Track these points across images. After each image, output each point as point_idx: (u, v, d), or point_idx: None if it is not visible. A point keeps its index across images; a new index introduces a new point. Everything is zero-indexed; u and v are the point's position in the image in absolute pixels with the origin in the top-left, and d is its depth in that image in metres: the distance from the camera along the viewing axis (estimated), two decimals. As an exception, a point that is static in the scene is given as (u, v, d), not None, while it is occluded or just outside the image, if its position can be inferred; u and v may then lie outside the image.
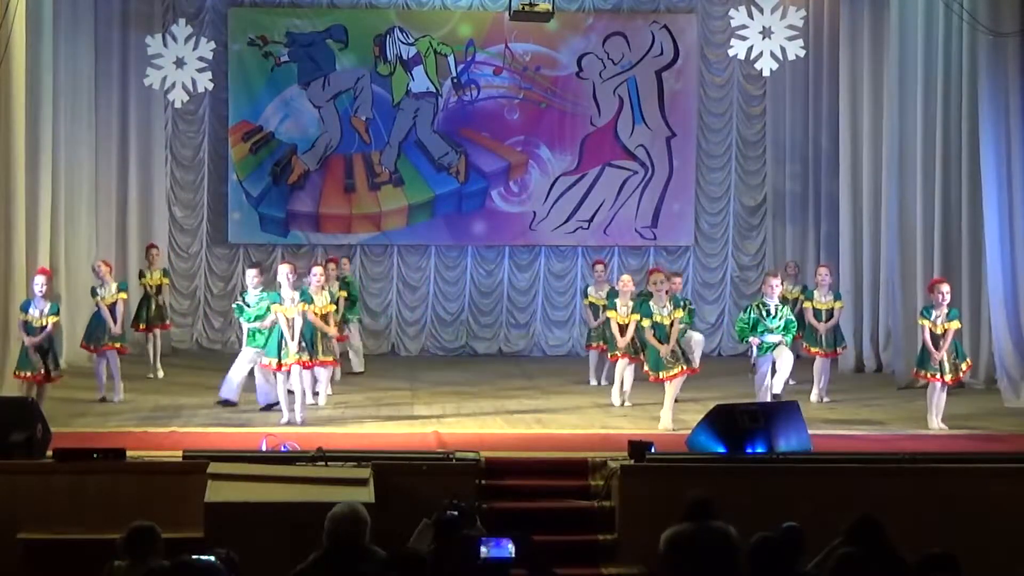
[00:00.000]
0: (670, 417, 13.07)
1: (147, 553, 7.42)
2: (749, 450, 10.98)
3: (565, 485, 10.87)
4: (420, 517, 8.53)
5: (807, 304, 15.50)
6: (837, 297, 15.57)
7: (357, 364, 17.06)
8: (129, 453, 10.54)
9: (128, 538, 7.52)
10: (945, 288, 13.35)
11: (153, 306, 16.55)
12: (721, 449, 10.96)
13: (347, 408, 14.40)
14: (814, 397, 15.05)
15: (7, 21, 13.89)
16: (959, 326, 13.46)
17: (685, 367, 13.29)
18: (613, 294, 15.26)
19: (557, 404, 14.83)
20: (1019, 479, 10.71)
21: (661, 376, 13.18)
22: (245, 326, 14.49)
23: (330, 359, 14.18)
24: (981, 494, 10.47)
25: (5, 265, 14.30)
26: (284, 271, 13.63)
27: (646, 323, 13.39)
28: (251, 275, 14.44)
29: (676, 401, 13.33)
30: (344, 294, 16.57)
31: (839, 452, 11.50)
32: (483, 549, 7.62)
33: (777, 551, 6.81)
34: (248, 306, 14.12)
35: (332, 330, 13.95)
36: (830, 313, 15.34)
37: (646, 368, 13.51)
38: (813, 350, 15.31)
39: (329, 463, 10.39)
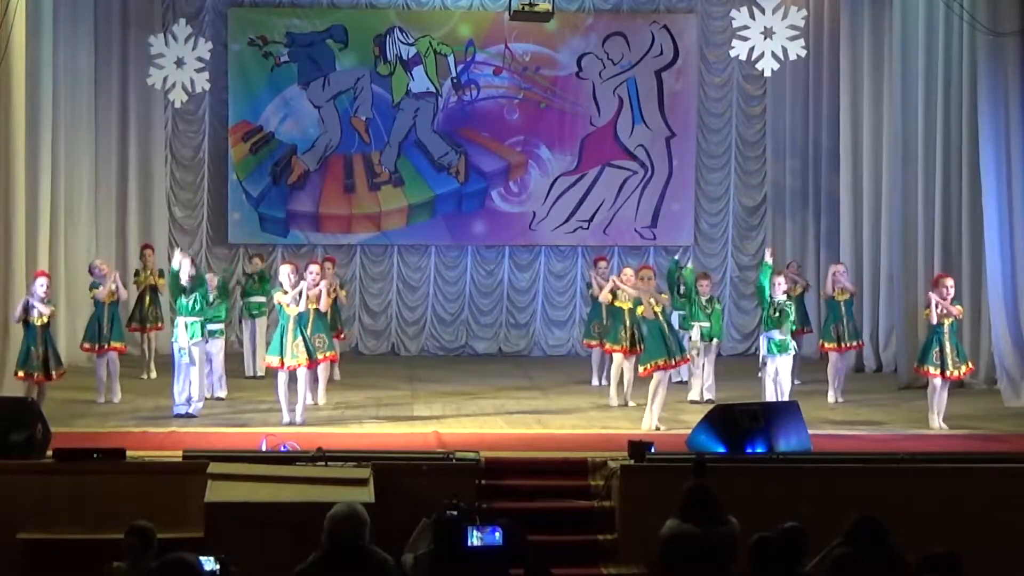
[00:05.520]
0: (652, 417, 13.05)
1: (145, 553, 7.44)
2: (749, 450, 10.99)
3: (565, 485, 10.89)
4: (420, 517, 8.55)
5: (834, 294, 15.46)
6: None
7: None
8: (129, 453, 10.55)
9: (126, 538, 7.54)
10: (949, 283, 13.43)
11: (147, 307, 16.56)
12: (721, 449, 10.96)
13: (347, 408, 14.40)
14: (831, 398, 15.06)
15: (7, 21, 13.89)
16: (961, 308, 13.72)
17: (670, 359, 13.24)
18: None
19: (557, 404, 14.84)
20: (1019, 479, 10.72)
21: (649, 367, 13.16)
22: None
23: (329, 355, 14.23)
24: (981, 494, 10.48)
25: (5, 265, 14.30)
26: (286, 271, 13.60)
27: (640, 310, 13.39)
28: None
29: (680, 402, 13.34)
30: (344, 292, 16.57)
31: (839, 452, 11.51)
32: (475, 535, 7.66)
33: (777, 551, 6.80)
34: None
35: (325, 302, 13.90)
36: (848, 304, 15.36)
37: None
38: (828, 345, 15.31)
39: (329, 463, 10.39)
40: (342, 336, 16.83)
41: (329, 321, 14.85)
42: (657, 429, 12.84)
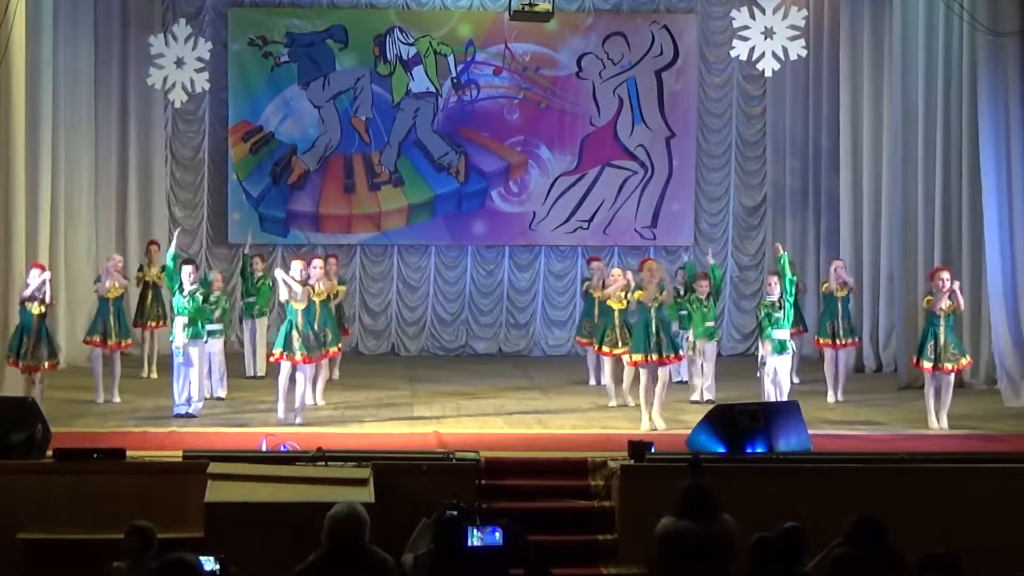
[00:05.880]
0: (648, 417, 13.04)
1: (145, 553, 7.44)
2: (749, 450, 10.99)
3: (565, 485, 10.89)
4: (420, 517, 8.55)
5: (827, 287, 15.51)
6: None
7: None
8: (129, 453, 10.55)
9: (126, 538, 7.54)
10: (946, 275, 13.44)
11: (149, 304, 16.56)
12: (721, 449, 10.96)
13: (347, 408, 14.40)
14: (831, 398, 15.05)
15: (7, 21, 13.89)
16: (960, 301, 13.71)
17: (650, 355, 13.21)
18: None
19: (557, 404, 14.84)
20: (1019, 479, 10.72)
21: (635, 359, 13.16)
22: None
23: (332, 350, 14.26)
24: (981, 494, 10.48)
25: (5, 265, 14.30)
26: (297, 267, 13.57)
27: (638, 295, 13.39)
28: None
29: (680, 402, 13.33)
30: (343, 289, 16.57)
31: (839, 452, 11.51)
32: (476, 534, 7.65)
33: (777, 551, 6.80)
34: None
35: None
36: (845, 301, 15.39)
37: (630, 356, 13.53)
38: (823, 341, 15.34)
39: (329, 463, 10.39)
40: (348, 334, 16.91)
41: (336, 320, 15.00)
42: (654, 429, 12.83)
